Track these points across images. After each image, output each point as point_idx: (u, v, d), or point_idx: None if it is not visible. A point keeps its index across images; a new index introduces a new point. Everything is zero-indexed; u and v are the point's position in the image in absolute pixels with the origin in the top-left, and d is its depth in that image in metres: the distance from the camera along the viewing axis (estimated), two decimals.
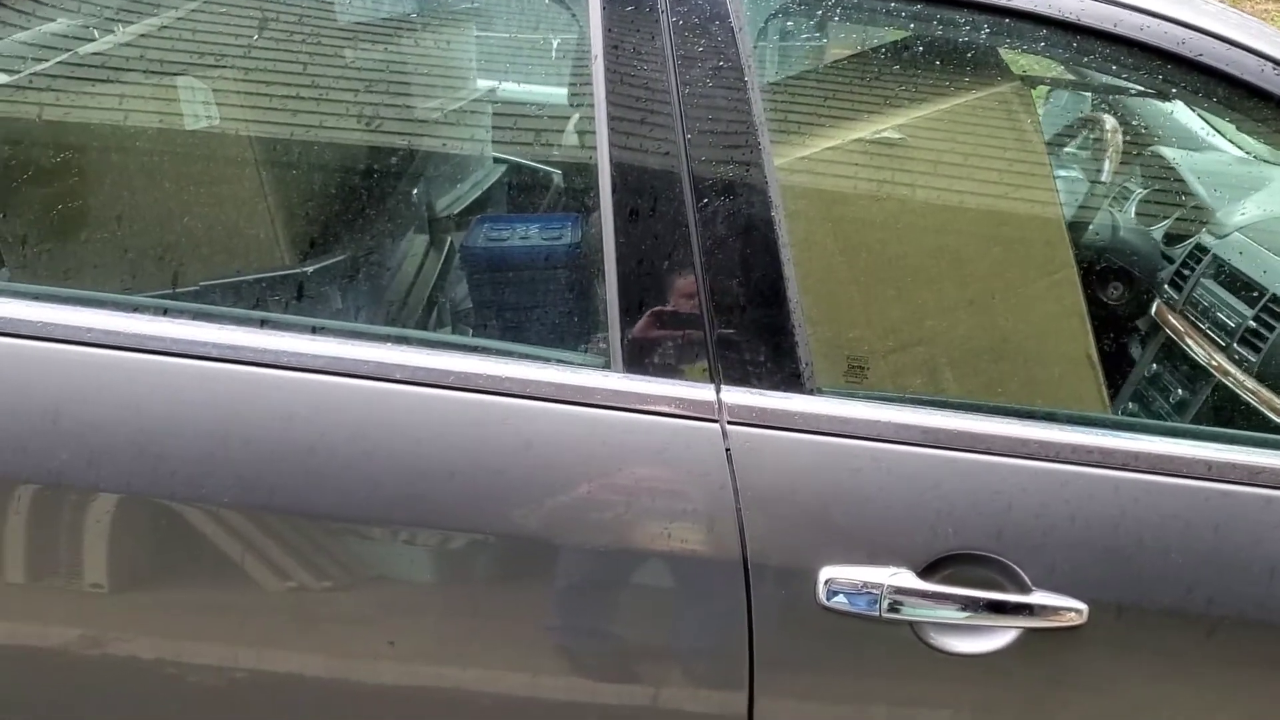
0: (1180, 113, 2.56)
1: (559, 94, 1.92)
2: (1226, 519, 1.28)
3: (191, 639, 1.33)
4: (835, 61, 1.57)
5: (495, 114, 1.90)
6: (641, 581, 1.32)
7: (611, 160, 1.30)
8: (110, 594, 1.31)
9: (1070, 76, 1.90)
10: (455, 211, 1.80)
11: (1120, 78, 1.41)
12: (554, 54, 1.92)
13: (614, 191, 1.30)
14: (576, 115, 1.87)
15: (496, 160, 1.89)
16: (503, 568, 1.31)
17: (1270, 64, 1.33)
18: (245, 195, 1.48)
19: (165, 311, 1.32)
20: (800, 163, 1.40)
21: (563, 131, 1.82)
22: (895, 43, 1.49)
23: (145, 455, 1.26)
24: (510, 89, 1.98)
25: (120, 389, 1.27)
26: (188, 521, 1.27)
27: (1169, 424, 1.94)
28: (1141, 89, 1.44)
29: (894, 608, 1.24)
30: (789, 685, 1.32)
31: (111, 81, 1.43)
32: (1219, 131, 2.45)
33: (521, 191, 1.90)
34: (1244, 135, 1.77)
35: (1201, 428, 1.45)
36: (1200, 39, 1.33)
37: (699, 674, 1.34)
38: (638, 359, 1.29)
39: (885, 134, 1.41)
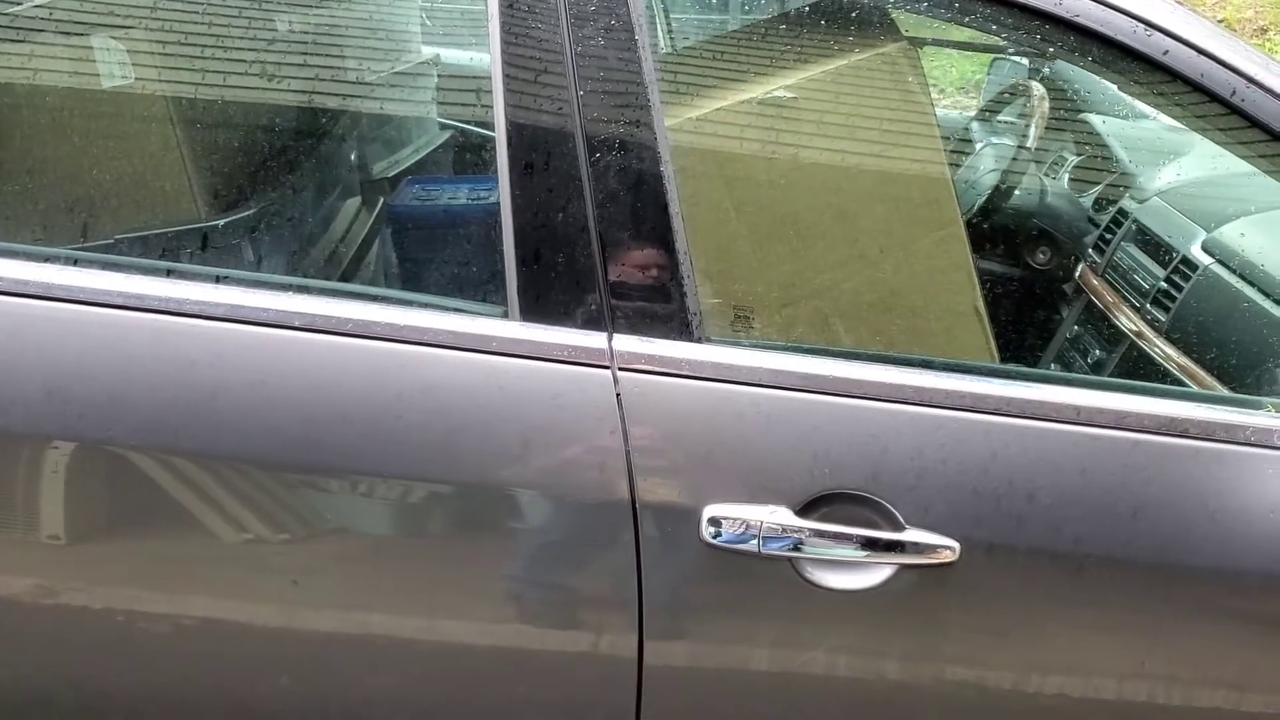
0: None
1: (456, 55, 1.96)
2: (1093, 462, 1.34)
3: (105, 584, 1.37)
4: (727, 23, 1.61)
5: (409, 75, 1.93)
6: (533, 524, 1.37)
7: (507, 117, 1.34)
8: (26, 537, 1.36)
9: (955, 37, 1.95)
10: (377, 172, 1.84)
11: (1000, 37, 1.46)
12: (450, 15, 1.96)
13: (510, 146, 1.34)
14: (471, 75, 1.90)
15: (420, 121, 1.93)
16: (397, 511, 1.36)
17: (1142, 25, 1.38)
18: (159, 151, 1.51)
19: (75, 262, 1.36)
20: (692, 122, 1.44)
21: (465, 92, 1.87)
22: (786, 4, 1.54)
23: (53, 399, 1.30)
24: (436, 54, 2.02)
25: (29, 335, 1.31)
26: (94, 463, 1.31)
27: (1041, 371, 2.00)
28: (1021, 48, 1.49)
29: (771, 543, 1.30)
30: (677, 626, 1.37)
31: (26, 42, 1.46)
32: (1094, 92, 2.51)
33: (442, 153, 1.94)
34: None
35: (1072, 375, 1.50)
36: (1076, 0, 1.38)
37: (591, 617, 1.40)
38: (533, 308, 1.34)
39: (775, 94, 1.46)
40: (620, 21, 1.36)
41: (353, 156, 1.81)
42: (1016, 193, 2.47)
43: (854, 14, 1.51)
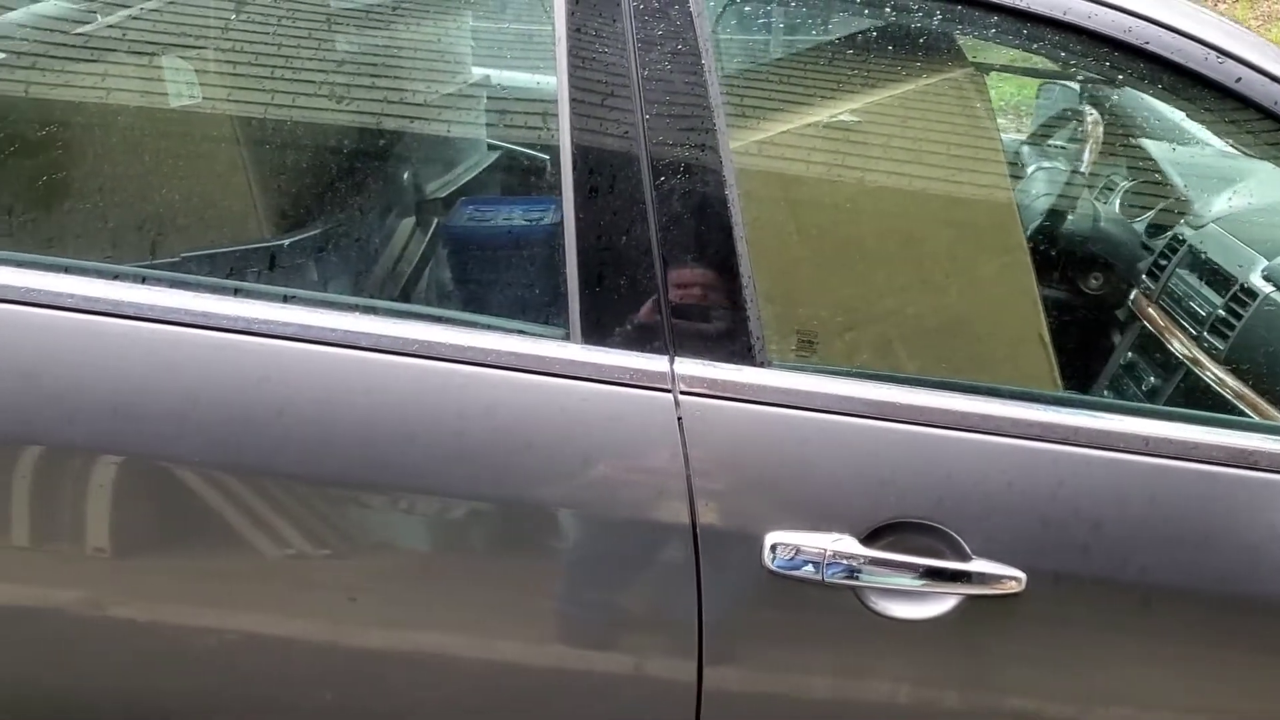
0: (1165, 106, 2.60)
1: (523, 79, 1.97)
2: (1162, 492, 1.32)
3: (169, 598, 1.38)
4: (793, 47, 1.61)
5: (467, 97, 1.95)
6: (593, 547, 1.37)
7: (573, 140, 1.35)
8: (88, 552, 1.37)
9: (1021, 63, 1.94)
10: (433, 192, 1.85)
11: (1069, 65, 1.45)
12: (530, 40, 1.97)
13: (574, 170, 1.34)
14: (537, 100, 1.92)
15: (475, 143, 1.94)
16: (459, 531, 1.36)
17: (1214, 53, 1.37)
18: (226, 170, 1.53)
19: (144, 280, 1.37)
20: (756, 145, 1.44)
21: (525, 115, 1.88)
22: (852, 28, 1.54)
23: (119, 415, 1.31)
24: (486, 74, 2.03)
25: (97, 352, 1.32)
26: (161, 480, 1.32)
27: (1109, 401, 1.98)
28: (1089, 76, 1.48)
29: (836, 572, 1.29)
30: (737, 651, 1.37)
31: (98, 60, 1.48)
32: (1166, 120, 2.49)
33: (497, 174, 1.95)
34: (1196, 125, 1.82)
35: (1141, 405, 1.49)
36: (1147, 27, 1.37)
37: (649, 640, 1.39)
38: (595, 331, 1.34)
39: (841, 118, 1.46)
40: (687, 46, 1.36)
41: (413, 177, 1.83)
42: (1070, 218, 2.45)
43: (920, 39, 1.51)
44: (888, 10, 1.40)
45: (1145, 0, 1.39)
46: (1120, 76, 1.41)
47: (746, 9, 1.49)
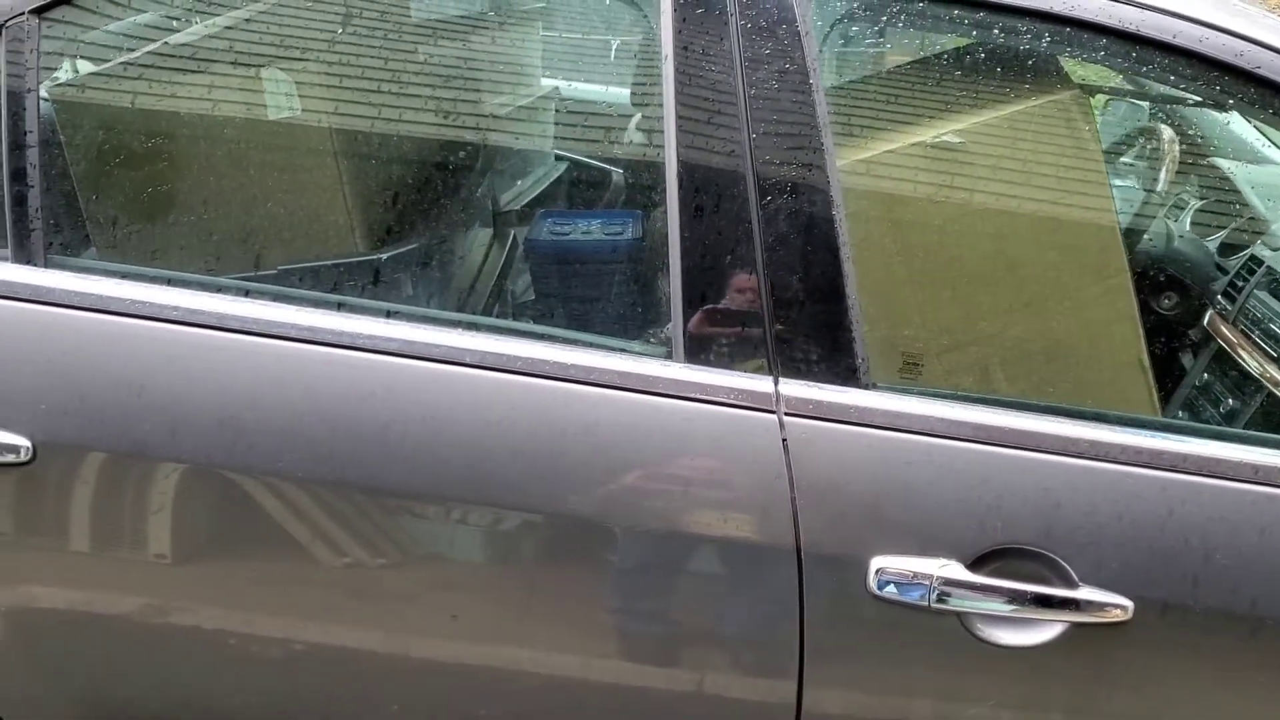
0: (1237, 124, 2.57)
1: (623, 94, 1.97)
2: (1273, 522, 1.30)
3: (262, 610, 1.38)
4: (899, 66, 1.60)
5: (563, 112, 1.95)
6: (694, 567, 1.36)
7: (679, 158, 1.34)
8: (184, 563, 1.37)
9: (1129, 86, 1.92)
10: (522, 206, 1.85)
11: (1178, 88, 1.43)
12: (620, 54, 1.96)
13: (680, 188, 1.34)
14: (639, 115, 1.92)
15: (560, 158, 1.94)
16: (560, 548, 1.36)
17: None
18: (323, 183, 1.53)
19: (247, 293, 1.38)
20: (862, 165, 1.44)
21: (626, 130, 1.87)
22: (957, 49, 1.53)
23: (225, 429, 1.32)
24: (577, 88, 2.03)
25: (202, 365, 1.33)
26: (263, 493, 1.33)
27: (1217, 428, 1.95)
28: (1199, 99, 1.46)
29: (943, 598, 1.27)
30: (837, 674, 1.35)
31: (199, 71, 1.49)
32: (1275, 144, 2.46)
33: (585, 188, 1.95)
34: None
35: (1250, 433, 1.47)
36: (1259, 51, 1.35)
37: (749, 662, 1.38)
38: (699, 350, 1.34)
39: (945, 138, 1.45)
40: (795, 64, 1.35)
41: (507, 192, 1.82)
42: (1144, 237, 2.43)
43: (1027, 60, 1.49)
44: (995, 32, 1.39)
45: (1257, 26, 1.37)
46: (1231, 101, 1.39)
47: (854, 28, 1.48)
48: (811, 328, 1.33)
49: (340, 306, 1.38)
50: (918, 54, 1.55)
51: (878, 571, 1.28)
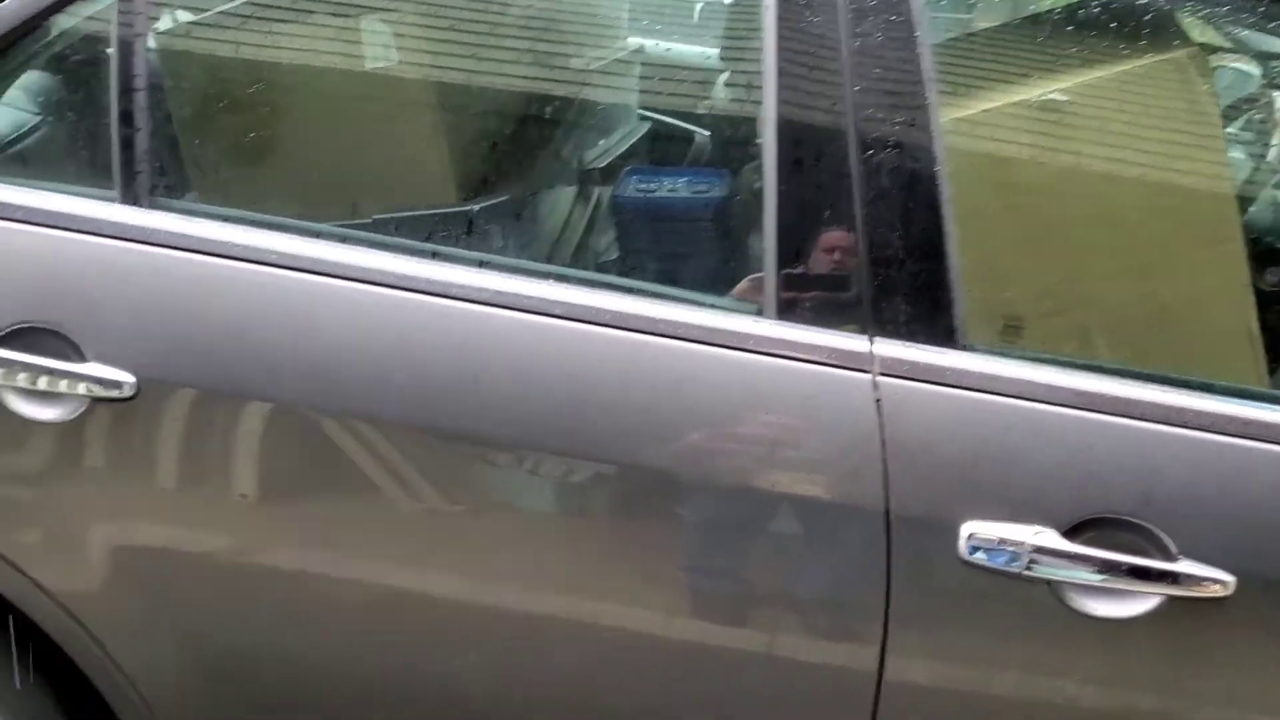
0: None
1: (707, 51, 1.94)
2: None
3: (353, 552, 1.40)
4: (1007, 22, 1.56)
5: (654, 67, 1.92)
6: (781, 527, 1.35)
7: (778, 111, 1.32)
8: (274, 504, 1.39)
9: (1250, 45, 1.84)
10: (609, 162, 1.83)
11: None
12: (709, 10, 1.93)
13: (779, 141, 1.32)
14: (728, 72, 1.90)
15: (645, 115, 1.91)
16: (644, 503, 1.36)
17: None
18: (417, 133, 1.54)
19: (344, 239, 1.39)
20: (966, 122, 1.40)
21: (715, 86, 1.85)
22: (1069, 4, 1.48)
23: (322, 373, 1.33)
24: (664, 45, 2.01)
25: (302, 309, 1.34)
26: (356, 439, 1.34)
27: None
28: None
29: (1034, 566, 1.25)
30: (922, 640, 1.33)
31: (298, 22, 1.50)
32: None
33: (672, 144, 1.92)
34: None
35: None
36: None
37: (832, 626, 1.37)
38: (792, 307, 1.32)
39: (1053, 96, 1.40)
40: (900, 16, 1.32)
41: (594, 148, 1.81)
42: (1252, 208, 2.34)
43: (1141, 17, 1.44)
44: None
45: None
46: None
47: None
48: (910, 287, 1.31)
49: (434, 255, 1.39)
50: (1027, 9, 1.51)
51: (969, 537, 1.26)
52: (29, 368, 1.34)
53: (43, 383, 1.33)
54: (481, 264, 1.38)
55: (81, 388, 1.33)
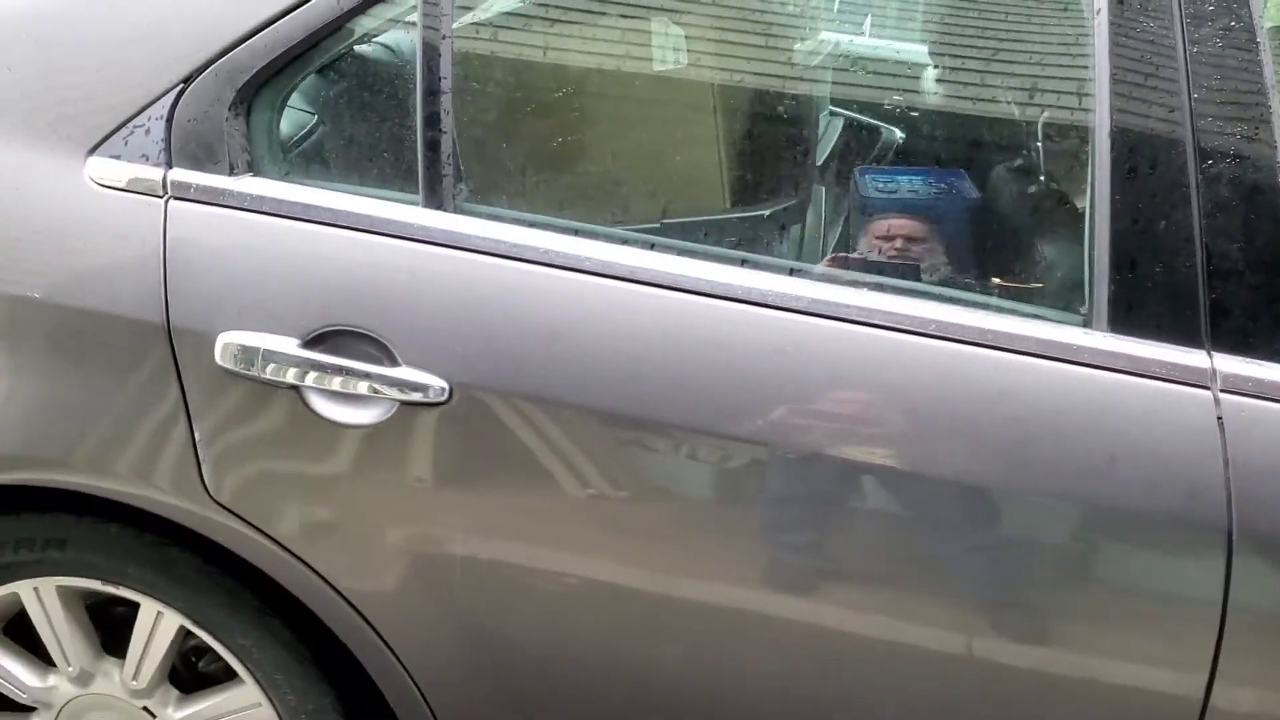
0: None
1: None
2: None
3: (665, 566, 1.38)
4: None
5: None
6: (1111, 544, 1.31)
7: (1112, 117, 1.28)
8: (577, 511, 1.38)
9: None
10: (888, 161, 1.79)
11: None
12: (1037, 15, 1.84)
13: (1113, 148, 1.28)
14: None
15: (940, 116, 1.84)
16: (967, 519, 1.32)
17: None
18: (710, 138, 1.52)
19: (652, 246, 1.37)
20: None
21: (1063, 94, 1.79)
22: None
23: (635, 380, 1.32)
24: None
25: (615, 316, 1.33)
26: (669, 445, 1.33)
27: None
28: None
29: None
30: (1259, 668, 1.28)
31: (601, 25, 1.49)
32: None
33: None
34: None
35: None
36: None
37: (1158, 648, 1.32)
38: (1125, 319, 1.28)
39: None
40: (1241, 22, 1.28)
41: (874, 149, 1.78)
42: None
43: None
44: None
45: None
46: None
47: None
48: (1253, 300, 1.26)
49: (744, 262, 1.37)
50: None
51: None
52: (343, 371, 1.34)
53: (356, 386, 1.33)
54: (791, 271, 1.36)
55: (394, 392, 1.33)
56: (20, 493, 1.52)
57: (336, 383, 1.34)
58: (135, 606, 1.60)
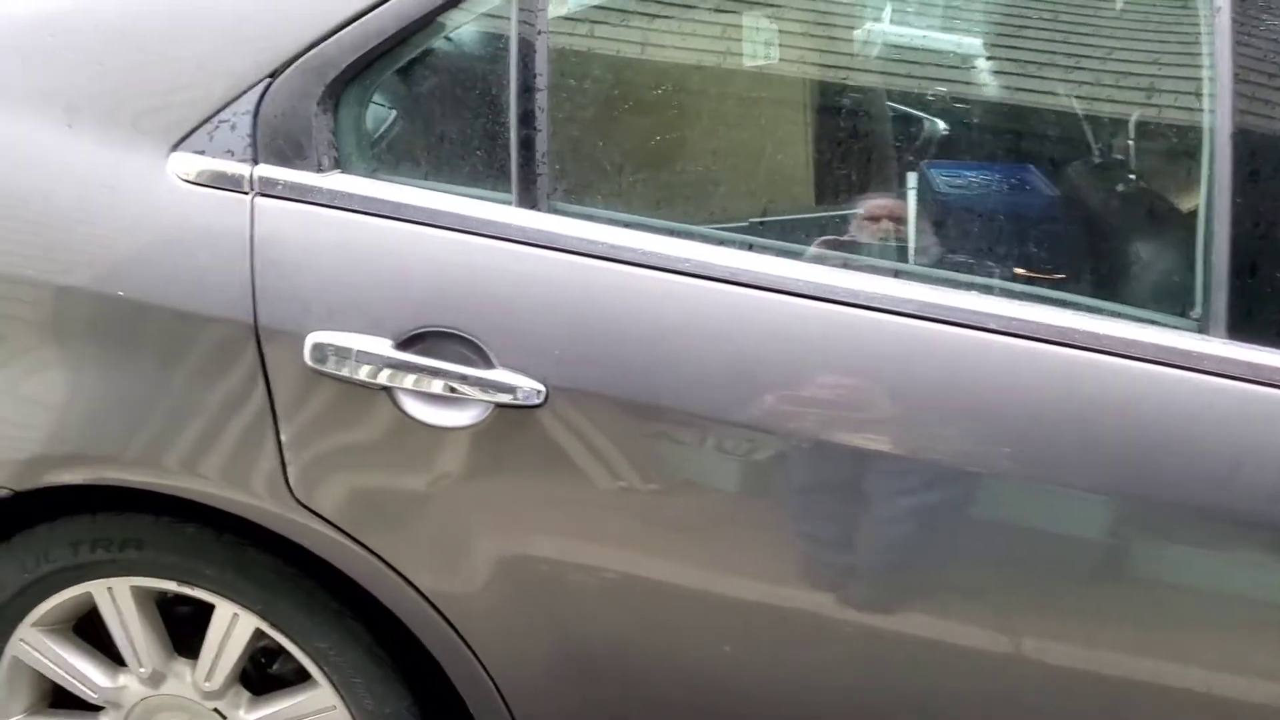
0: None
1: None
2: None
3: (757, 573, 1.36)
4: None
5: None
6: (1230, 560, 1.28)
7: (1234, 119, 1.25)
8: (681, 514, 1.35)
9: None
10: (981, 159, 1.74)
11: None
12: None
13: (1234, 150, 1.25)
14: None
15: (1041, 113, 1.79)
16: (1082, 529, 1.30)
17: None
18: (792, 135, 1.49)
19: (750, 247, 1.34)
20: None
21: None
22: None
23: (738, 383, 1.29)
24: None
25: (717, 318, 1.30)
26: (776, 450, 1.30)
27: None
28: None
29: None
30: None
31: (682, 20, 1.46)
32: None
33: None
34: None
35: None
36: None
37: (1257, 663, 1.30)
38: (1244, 324, 1.25)
39: None
40: None
41: (969, 149, 1.73)
42: None
43: None
44: None
45: None
46: None
47: None
48: None
49: (845, 265, 1.33)
50: None
51: None
52: (438, 373, 1.31)
53: (452, 389, 1.31)
54: (896, 274, 1.33)
55: (490, 394, 1.30)
56: (97, 492, 1.49)
57: (435, 385, 1.31)
58: (199, 605, 1.58)
